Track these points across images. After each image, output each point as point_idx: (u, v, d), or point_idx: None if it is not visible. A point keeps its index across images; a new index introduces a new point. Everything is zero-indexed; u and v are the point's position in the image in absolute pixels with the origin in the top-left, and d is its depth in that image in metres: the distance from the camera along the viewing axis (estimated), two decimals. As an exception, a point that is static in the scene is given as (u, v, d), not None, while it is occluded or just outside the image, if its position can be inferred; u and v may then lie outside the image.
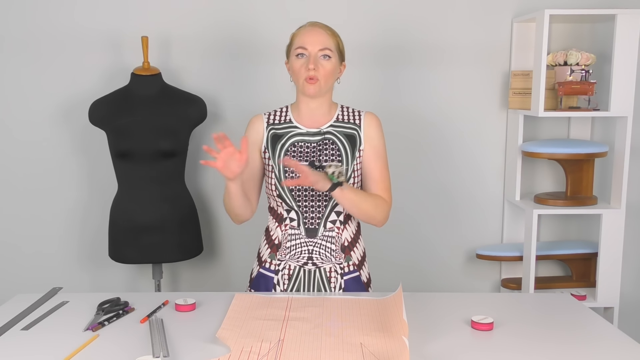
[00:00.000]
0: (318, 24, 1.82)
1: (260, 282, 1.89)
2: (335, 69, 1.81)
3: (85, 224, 2.97)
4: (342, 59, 1.85)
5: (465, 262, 3.05)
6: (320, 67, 1.76)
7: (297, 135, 1.84)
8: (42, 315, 1.62)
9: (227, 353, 1.36)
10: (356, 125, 1.85)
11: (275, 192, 1.83)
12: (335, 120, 1.85)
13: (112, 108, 2.59)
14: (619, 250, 2.72)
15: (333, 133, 1.83)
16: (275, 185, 1.82)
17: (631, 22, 2.60)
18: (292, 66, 1.81)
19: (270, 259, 1.88)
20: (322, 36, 1.78)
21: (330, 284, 1.84)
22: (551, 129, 2.96)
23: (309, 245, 1.83)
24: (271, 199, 1.88)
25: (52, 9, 2.82)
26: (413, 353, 1.37)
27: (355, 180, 1.83)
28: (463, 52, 2.90)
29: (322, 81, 1.77)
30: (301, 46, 1.77)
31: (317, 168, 1.79)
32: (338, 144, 1.82)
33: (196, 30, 2.85)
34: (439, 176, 2.99)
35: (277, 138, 1.85)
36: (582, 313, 1.64)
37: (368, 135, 1.85)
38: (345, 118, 1.86)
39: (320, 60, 1.77)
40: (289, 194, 1.81)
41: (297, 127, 1.85)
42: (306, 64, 1.76)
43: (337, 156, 1.81)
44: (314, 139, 1.83)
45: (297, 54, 1.78)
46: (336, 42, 1.80)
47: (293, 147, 1.83)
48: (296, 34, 1.82)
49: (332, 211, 1.83)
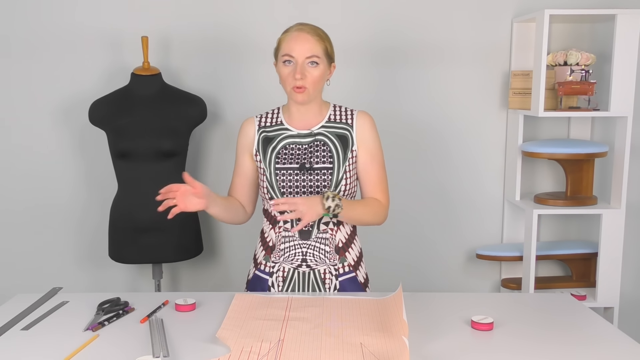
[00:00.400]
0: (305, 27, 1.77)
1: (256, 284, 1.89)
2: (324, 74, 1.79)
3: (85, 224, 2.97)
4: (332, 61, 1.82)
5: (465, 262, 3.05)
6: (308, 74, 1.75)
7: (288, 138, 1.83)
8: (42, 315, 1.62)
9: (227, 353, 1.36)
10: (348, 125, 1.84)
11: (267, 195, 1.83)
12: (327, 121, 1.85)
13: (112, 108, 2.59)
14: (619, 250, 2.72)
15: (324, 134, 1.83)
16: (267, 187, 1.82)
17: (631, 22, 2.60)
18: (279, 72, 1.79)
19: (265, 261, 1.88)
20: (309, 43, 1.74)
21: (324, 285, 1.84)
22: (551, 129, 2.96)
23: (303, 247, 1.83)
24: (265, 202, 1.88)
25: (52, 9, 2.82)
26: (413, 353, 1.37)
27: (348, 181, 1.82)
28: (463, 52, 2.90)
29: (311, 88, 1.76)
30: (288, 53, 1.75)
31: (308, 170, 1.79)
32: (329, 145, 1.82)
33: (196, 30, 2.85)
34: (439, 176, 2.99)
35: (269, 141, 1.84)
36: (582, 313, 1.64)
37: (362, 137, 1.84)
38: (337, 118, 1.86)
39: (308, 67, 1.75)
40: (281, 196, 1.80)
41: (288, 129, 1.84)
42: (293, 73, 1.74)
43: (328, 157, 1.80)
44: (305, 140, 1.83)
45: (284, 60, 1.76)
46: (324, 47, 1.77)
47: (284, 149, 1.82)
48: (283, 39, 1.78)
49: None
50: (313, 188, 1.79)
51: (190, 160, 2.88)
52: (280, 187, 1.80)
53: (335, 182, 1.79)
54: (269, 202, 1.84)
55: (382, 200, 1.85)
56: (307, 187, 1.79)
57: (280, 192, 1.80)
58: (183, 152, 2.62)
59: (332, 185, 1.79)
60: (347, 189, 1.82)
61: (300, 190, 1.79)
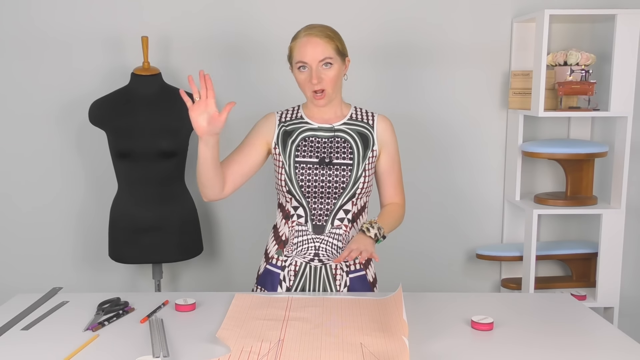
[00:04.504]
0: (313, 31, 1.77)
1: (266, 278, 1.89)
2: (340, 72, 1.80)
3: (85, 224, 2.97)
4: (345, 56, 1.84)
5: (465, 262, 3.05)
6: (324, 76, 1.76)
7: (308, 131, 1.84)
8: (42, 315, 1.62)
9: (227, 353, 1.36)
10: (369, 126, 1.87)
11: (285, 187, 1.83)
12: (348, 119, 1.87)
13: (112, 108, 2.59)
14: (619, 250, 2.72)
15: (345, 130, 1.84)
16: (285, 181, 1.82)
17: (631, 22, 2.60)
18: (296, 78, 1.80)
19: (277, 255, 1.88)
20: (320, 46, 1.75)
21: (335, 281, 1.85)
22: (551, 129, 2.96)
23: (316, 242, 1.83)
24: (280, 195, 1.88)
25: (52, 9, 2.81)
26: (413, 353, 1.37)
27: (366, 179, 1.83)
28: (463, 52, 2.90)
29: (329, 89, 1.78)
30: (301, 60, 1.76)
31: (327, 164, 1.80)
32: (350, 141, 1.83)
33: (196, 30, 2.85)
34: (439, 176, 2.99)
35: (288, 134, 1.85)
36: (582, 313, 1.64)
37: (384, 140, 1.87)
38: (359, 117, 1.88)
39: (323, 70, 1.76)
40: (299, 190, 1.81)
41: (308, 122, 1.86)
42: (309, 78, 1.76)
43: (348, 153, 1.81)
44: (325, 134, 1.84)
45: (298, 67, 1.78)
46: (335, 46, 1.78)
47: (304, 141, 1.83)
48: (294, 46, 1.79)
49: (341, 209, 1.83)
50: (332, 183, 1.80)
51: (191, 160, 2.88)
52: (298, 181, 1.80)
53: (354, 179, 1.80)
54: (285, 194, 1.84)
55: (401, 201, 1.93)
56: (326, 182, 1.80)
57: (298, 185, 1.81)
58: (183, 152, 2.62)
59: (350, 182, 1.80)
60: (364, 186, 1.83)
61: (318, 185, 1.80)
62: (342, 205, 1.83)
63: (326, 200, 1.81)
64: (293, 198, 1.83)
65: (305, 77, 1.77)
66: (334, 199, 1.81)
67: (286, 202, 1.86)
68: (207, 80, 1.60)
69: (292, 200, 1.83)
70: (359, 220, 1.87)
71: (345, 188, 1.81)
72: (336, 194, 1.81)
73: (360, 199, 1.85)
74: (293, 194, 1.82)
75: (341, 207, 1.83)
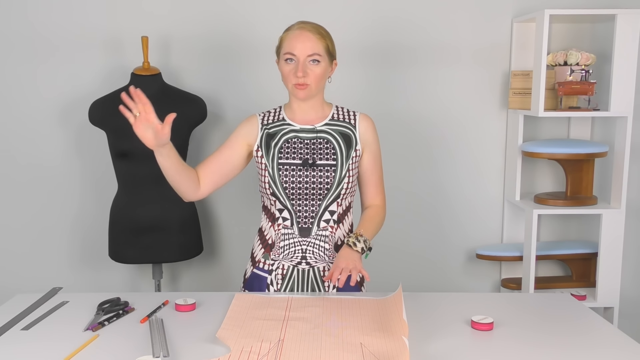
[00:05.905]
0: (307, 26, 1.79)
1: (254, 282, 1.89)
2: (325, 72, 1.80)
3: (85, 224, 2.97)
4: (333, 59, 1.84)
5: (465, 262, 3.05)
6: (310, 72, 1.76)
7: (291, 132, 1.84)
8: (42, 315, 1.62)
9: (227, 353, 1.36)
10: (351, 125, 1.86)
11: (269, 190, 1.83)
12: (330, 119, 1.86)
13: (112, 108, 2.58)
14: (619, 250, 2.72)
15: (327, 131, 1.84)
16: (269, 183, 1.82)
17: (631, 22, 2.60)
18: (281, 70, 1.80)
19: (264, 259, 1.88)
20: (310, 41, 1.76)
21: (324, 283, 1.84)
22: (551, 129, 2.96)
23: (303, 245, 1.83)
24: (265, 198, 1.88)
25: (52, 8, 2.81)
26: (413, 353, 1.37)
27: (350, 179, 1.83)
28: (463, 52, 2.90)
29: (313, 85, 1.77)
30: (289, 52, 1.76)
31: (311, 166, 1.79)
32: (332, 142, 1.82)
33: (196, 30, 2.85)
34: (439, 176, 2.99)
35: (271, 137, 1.84)
36: (582, 313, 1.64)
37: (366, 139, 1.86)
38: (340, 117, 1.87)
39: (309, 65, 1.76)
40: (283, 192, 1.81)
41: (290, 124, 1.85)
42: (295, 70, 1.76)
43: (331, 154, 1.81)
44: (307, 135, 1.83)
45: (285, 58, 1.78)
46: (325, 45, 1.78)
47: (286, 143, 1.83)
48: (284, 37, 1.80)
49: (326, 210, 1.82)
50: (316, 185, 1.80)
51: (191, 160, 2.88)
52: (282, 183, 1.80)
53: (338, 179, 1.80)
54: (269, 197, 1.84)
55: (382, 202, 1.92)
56: (310, 183, 1.80)
57: (282, 187, 1.80)
58: (183, 152, 2.62)
59: (334, 182, 1.80)
60: (349, 187, 1.83)
61: (302, 186, 1.80)
62: (327, 206, 1.82)
63: (311, 201, 1.81)
64: (277, 200, 1.82)
65: (290, 69, 1.77)
66: (319, 200, 1.81)
67: (271, 205, 1.85)
68: (140, 96, 1.58)
69: (277, 203, 1.83)
70: (344, 220, 1.86)
71: (329, 189, 1.81)
72: (321, 195, 1.81)
73: (345, 199, 1.85)
74: (277, 197, 1.82)
75: (326, 208, 1.82)
